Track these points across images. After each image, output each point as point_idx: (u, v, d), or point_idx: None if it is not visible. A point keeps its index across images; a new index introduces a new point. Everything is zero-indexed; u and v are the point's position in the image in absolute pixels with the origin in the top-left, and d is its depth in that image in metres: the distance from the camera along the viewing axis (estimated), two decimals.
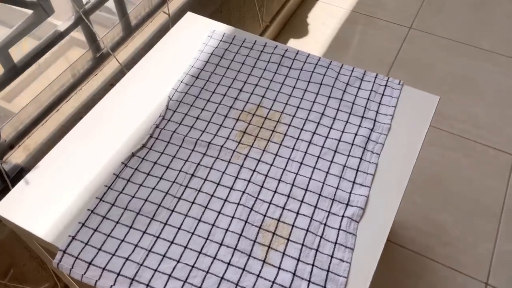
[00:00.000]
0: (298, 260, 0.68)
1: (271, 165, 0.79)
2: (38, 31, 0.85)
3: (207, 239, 0.70)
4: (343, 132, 0.83)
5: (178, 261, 0.68)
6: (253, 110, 0.87)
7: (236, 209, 0.73)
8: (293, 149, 0.81)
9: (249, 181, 0.76)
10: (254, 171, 0.78)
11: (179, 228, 0.71)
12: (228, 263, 0.68)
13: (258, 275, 0.67)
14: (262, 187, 0.76)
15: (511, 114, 1.54)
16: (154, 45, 0.98)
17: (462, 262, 1.22)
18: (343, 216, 0.73)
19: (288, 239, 0.70)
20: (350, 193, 0.75)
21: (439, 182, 1.38)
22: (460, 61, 1.71)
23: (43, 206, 0.74)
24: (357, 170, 0.78)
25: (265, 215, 0.73)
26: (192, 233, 0.71)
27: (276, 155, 0.80)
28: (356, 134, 0.83)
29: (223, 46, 0.98)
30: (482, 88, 1.63)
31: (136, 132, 0.84)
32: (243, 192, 0.75)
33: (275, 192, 0.76)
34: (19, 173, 0.86)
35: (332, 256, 0.69)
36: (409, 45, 1.77)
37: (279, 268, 0.68)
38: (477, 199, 1.34)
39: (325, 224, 0.72)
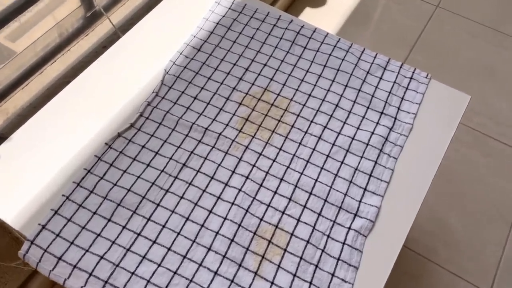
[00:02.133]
0: (295, 275, 0.60)
1: (274, 160, 0.70)
2: None
3: (193, 241, 0.62)
4: (358, 128, 0.74)
5: (159, 265, 0.60)
6: (259, 94, 0.77)
7: (229, 210, 0.65)
8: (300, 144, 0.72)
9: (247, 178, 0.68)
10: (253, 166, 0.69)
11: (163, 226, 0.63)
12: (215, 272, 0.60)
13: None
14: (261, 185, 0.67)
15: None
16: (153, 7, 0.87)
17: (467, 268, 1.15)
18: (349, 228, 0.64)
19: (285, 250, 0.62)
20: (360, 201, 0.67)
21: (450, 180, 1.29)
22: (486, 48, 1.58)
23: (12, 187, 0.66)
24: (370, 176, 0.69)
25: (261, 219, 0.64)
26: (178, 233, 0.63)
27: (280, 149, 0.71)
28: (372, 133, 0.73)
29: (232, 15, 0.87)
30: (508, 80, 1.51)
31: (125, 108, 0.74)
32: (239, 190, 0.66)
33: (275, 193, 0.67)
34: None
35: (333, 275, 0.61)
36: (434, 26, 1.63)
37: (272, 283, 0.60)
38: (489, 202, 1.25)
39: (328, 236, 0.64)
